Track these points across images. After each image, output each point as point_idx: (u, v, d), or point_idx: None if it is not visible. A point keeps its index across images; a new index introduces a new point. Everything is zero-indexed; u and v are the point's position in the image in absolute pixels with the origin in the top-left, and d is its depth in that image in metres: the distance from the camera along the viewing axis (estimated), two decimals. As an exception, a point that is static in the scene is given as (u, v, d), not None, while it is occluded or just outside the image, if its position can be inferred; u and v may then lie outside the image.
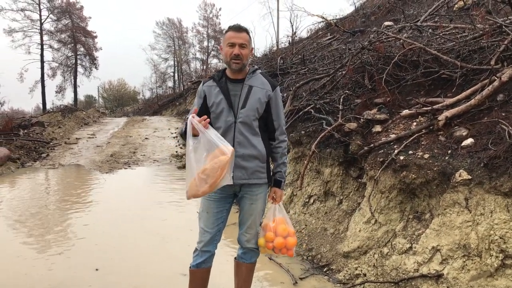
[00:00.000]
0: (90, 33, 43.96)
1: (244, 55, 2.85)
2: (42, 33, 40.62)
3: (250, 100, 2.88)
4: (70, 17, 42.39)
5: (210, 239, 3.00)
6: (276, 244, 2.98)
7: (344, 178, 4.93)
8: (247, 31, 2.91)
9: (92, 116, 22.62)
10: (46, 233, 5.62)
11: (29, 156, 12.09)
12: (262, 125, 2.96)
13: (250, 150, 2.87)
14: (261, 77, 2.99)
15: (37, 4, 40.09)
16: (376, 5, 13.87)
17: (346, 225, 4.60)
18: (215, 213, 2.99)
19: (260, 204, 3.01)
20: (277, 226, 2.98)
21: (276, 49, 17.37)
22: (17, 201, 7.39)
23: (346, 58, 6.74)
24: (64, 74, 43.34)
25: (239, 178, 2.87)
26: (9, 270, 4.31)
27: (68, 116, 19.63)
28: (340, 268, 4.16)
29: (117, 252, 4.82)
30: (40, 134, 15.08)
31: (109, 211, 6.66)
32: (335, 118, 5.36)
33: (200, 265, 3.02)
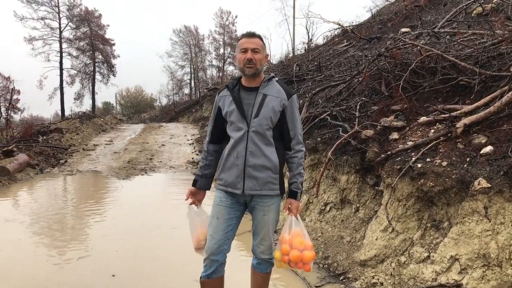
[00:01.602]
0: (108, 41, 44.58)
1: (258, 59, 2.82)
2: (61, 41, 41.33)
3: (263, 109, 2.83)
4: (89, 25, 43.07)
5: (218, 247, 2.94)
6: (291, 258, 2.88)
7: (361, 185, 4.89)
8: (260, 37, 2.90)
9: (110, 122, 22.87)
10: (63, 239, 5.67)
11: (48, 162, 12.26)
12: (277, 135, 2.90)
13: (262, 160, 2.82)
14: (276, 85, 2.94)
15: (56, 12, 40.82)
16: (393, 12, 13.80)
17: (362, 233, 4.56)
18: (226, 220, 2.96)
19: (272, 215, 2.95)
20: (293, 239, 2.89)
21: (292, 56, 17.39)
22: (35, 206, 7.49)
23: (362, 64, 6.72)
24: (82, 81, 44.01)
25: (250, 188, 2.85)
26: (26, 275, 4.36)
27: (86, 122, 19.89)
28: (357, 276, 4.11)
29: (133, 258, 4.85)
30: (59, 141, 15.29)
31: (126, 217, 6.70)
32: (352, 125, 5.33)
33: (211, 276, 2.95)
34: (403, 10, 12.61)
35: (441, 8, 10.08)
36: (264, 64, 2.90)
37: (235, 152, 2.87)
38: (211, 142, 3.11)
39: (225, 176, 2.93)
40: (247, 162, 2.82)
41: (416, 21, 9.81)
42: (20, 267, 4.61)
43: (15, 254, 5.06)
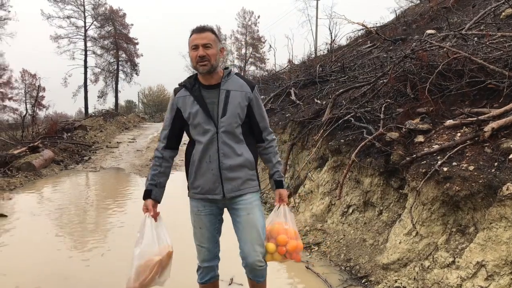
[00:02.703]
0: (131, 40, 45.11)
1: (211, 55, 2.62)
2: (86, 39, 42.01)
3: (229, 106, 2.67)
4: (113, 24, 43.67)
5: (209, 254, 2.90)
6: (290, 248, 2.78)
7: (385, 188, 4.85)
8: (212, 30, 2.70)
9: (133, 121, 23.17)
10: (86, 235, 5.78)
11: (72, 159, 12.48)
12: (246, 130, 2.78)
13: (237, 160, 2.69)
14: (237, 78, 2.79)
15: (82, 11, 41.55)
16: (418, 13, 13.63)
17: (386, 236, 4.52)
18: (209, 228, 2.85)
19: (257, 213, 2.78)
20: (289, 228, 2.82)
21: (314, 56, 17.32)
22: (59, 201, 7.64)
23: (387, 66, 6.65)
24: (106, 79, 44.65)
25: (230, 191, 2.72)
26: (49, 271, 4.45)
27: (109, 120, 20.19)
28: (379, 280, 4.08)
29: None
30: (83, 138, 15.56)
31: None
32: (376, 127, 5.29)
33: (209, 281, 2.97)
34: (429, 11, 12.44)
35: (468, 10, 9.92)
36: (219, 58, 2.71)
37: (206, 157, 2.70)
38: (167, 147, 2.89)
39: (201, 183, 2.77)
40: (222, 165, 2.68)
41: (442, 23, 9.67)
42: (45, 261, 4.71)
43: (41, 248, 5.17)
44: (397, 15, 16.67)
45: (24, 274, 4.35)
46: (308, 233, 5.46)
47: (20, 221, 6.36)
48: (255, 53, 49.75)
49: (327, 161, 6.13)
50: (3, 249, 5.15)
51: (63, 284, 4.12)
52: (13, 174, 9.50)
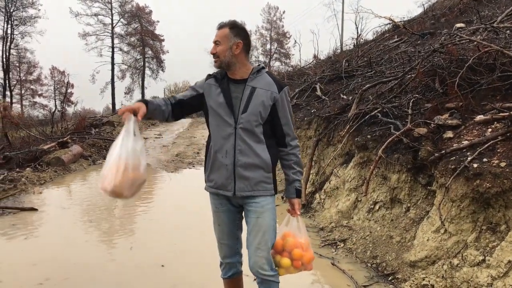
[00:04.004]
0: (157, 37, 45.59)
1: (219, 52, 2.63)
2: (113, 36, 42.63)
3: (252, 104, 2.62)
4: (140, 21, 44.19)
5: (230, 250, 2.89)
6: (306, 261, 2.71)
7: (412, 185, 4.77)
8: (229, 25, 2.66)
9: (159, 116, 23.39)
10: (113, 228, 5.87)
11: (100, 154, 12.68)
12: (268, 131, 2.69)
13: (252, 159, 2.62)
14: (267, 77, 2.71)
15: (109, 9, 42.20)
16: (447, 7, 13.35)
17: (413, 233, 4.45)
18: (228, 224, 2.85)
19: (267, 218, 2.69)
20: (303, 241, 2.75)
21: (340, 51, 17.17)
22: (88, 196, 7.78)
23: (415, 61, 6.54)
24: (132, 76, 45.31)
25: (242, 189, 2.65)
26: (77, 263, 4.53)
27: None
28: (406, 277, 4.02)
29: (181, 250, 4.95)
30: (111, 133, 15.80)
31: (173, 209, 6.84)
32: (404, 123, 5.20)
33: (232, 276, 2.96)
34: (458, 4, 12.18)
35: (500, 2, 9.66)
36: (230, 54, 2.63)
37: (223, 151, 2.66)
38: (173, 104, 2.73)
39: (215, 177, 2.74)
40: (237, 162, 2.63)
41: (472, 16, 9.45)
42: (73, 253, 4.81)
43: (69, 240, 5.28)
44: (425, 9, 16.38)
45: (53, 265, 4.45)
46: (333, 229, 5.42)
47: (50, 214, 6.51)
48: (280, 48, 49.66)
49: (353, 157, 6.07)
50: (34, 241, 5.29)
51: (90, 275, 4.19)
52: (43, 169, 9.72)
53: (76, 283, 4.03)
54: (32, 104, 41.62)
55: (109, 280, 4.06)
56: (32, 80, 41.95)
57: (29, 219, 6.19)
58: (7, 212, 6.51)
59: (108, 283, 3.99)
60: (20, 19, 37.93)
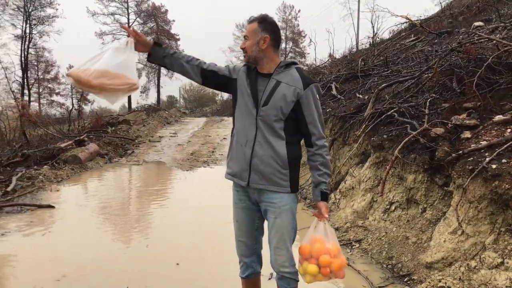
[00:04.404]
0: (173, 36, 45.74)
1: (247, 46, 2.64)
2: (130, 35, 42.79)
3: (273, 97, 2.59)
4: (155, 21, 44.40)
5: (247, 249, 2.87)
6: (335, 268, 2.54)
7: (429, 185, 4.72)
8: (258, 20, 2.66)
9: (174, 115, 23.55)
10: (129, 226, 5.92)
11: (116, 152, 12.79)
12: (290, 128, 2.63)
13: (269, 152, 2.59)
14: (294, 72, 2.66)
15: (125, 8, 42.48)
16: (465, 5, 13.17)
17: (429, 234, 4.40)
18: (246, 222, 2.82)
19: (286, 219, 2.66)
20: (331, 247, 2.57)
21: (356, 50, 17.06)
22: (104, 194, 7.85)
23: (432, 60, 6.46)
24: (148, 75, 45.50)
25: (256, 181, 2.64)
26: (93, 260, 4.58)
27: (152, 115, 20.61)
28: (422, 279, 3.98)
29: (197, 248, 4.96)
30: (126, 132, 15.91)
31: (187, 208, 6.87)
32: (420, 123, 5.15)
33: (249, 276, 2.93)
34: (476, 3, 12.00)
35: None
36: (256, 49, 2.63)
37: (243, 140, 2.68)
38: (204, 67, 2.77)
39: (233, 165, 2.77)
40: (254, 153, 2.62)
41: (490, 14, 9.31)
42: (89, 250, 4.86)
43: (85, 237, 5.34)
44: (443, 7, 16.16)
45: (69, 261, 4.50)
46: (349, 229, 5.39)
47: (66, 211, 6.59)
48: (295, 47, 49.50)
49: (369, 157, 6.03)
50: (51, 237, 5.35)
51: (106, 272, 4.23)
52: (60, 166, 9.83)
53: (92, 280, 4.07)
54: (50, 102, 42.07)
55: (125, 277, 4.08)
56: (49, 78, 42.41)
57: (46, 216, 6.27)
58: (25, 209, 6.60)
59: (124, 280, 4.01)
60: (38, 18, 38.39)
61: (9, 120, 17.55)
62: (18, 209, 6.59)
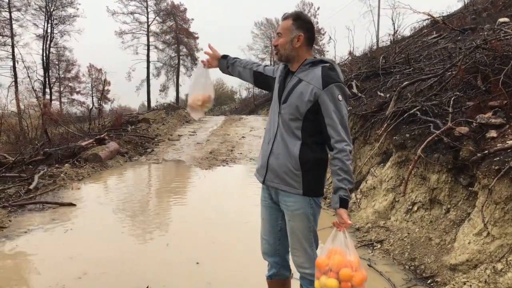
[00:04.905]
0: (192, 34, 45.94)
1: (280, 44, 2.59)
2: (149, 34, 43.24)
3: (292, 95, 2.54)
4: (174, 19, 44.64)
5: (270, 248, 2.84)
6: (356, 283, 2.33)
7: (453, 185, 4.62)
8: (293, 17, 2.60)
9: (193, 114, 23.57)
10: (149, 225, 5.94)
11: (136, 151, 12.88)
12: (308, 128, 2.53)
13: (283, 152, 2.56)
14: (318, 70, 2.53)
15: (145, 7, 42.86)
16: (489, 1, 12.90)
17: (453, 235, 4.30)
18: (269, 221, 2.81)
19: (300, 223, 2.59)
20: (354, 259, 2.37)
21: (376, 48, 16.88)
22: (124, 192, 7.91)
23: (456, 57, 6.33)
24: (167, 73, 45.86)
25: (270, 179, 2.65)
26: (114, 258, 4.62)
27: (171, 113, 20.69)
28: (446, 281, 3.90)
29: (216, 247, 4.95)
30: (146, 130, 16.01)
31: (207, 206, 6.87)
32: (444, 122, 5.05)
33: (273, 277, 2.90)
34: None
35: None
36: (289, 47, 2.59)
37: (267, 137, 2.72)
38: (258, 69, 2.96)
39: (258, 160, 2.82)
40: (272, 150, 2.62)
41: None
42: (110, 249, 4.90)
43: (105, 235, 5.39)
44: (466, 3, 15.87)
45: (90, 259, 4.55)
46: (370, 230, 5.32)
47: (88, 209, 6.64)
48: (314, 45, 49.26)
49: (391, 156, 5.94)
50: (72, 235, 5.40)
51: (126, 270, 4.25)
52: (81, 165, 9.93)
53: (112, 278, 4.09)
54: (70, 101, 42.70)
55: (145, 276, 4.09)
56: (70, 77, 43.02)
57: (68, 214, 6.33)
58: (47, 207, 6.68)
59: (144, 279, 4.02)
60: (59, 18, 38.97)
61: (31, 118, 17.85)
62: (40, 207, 6.68)
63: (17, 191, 7.40)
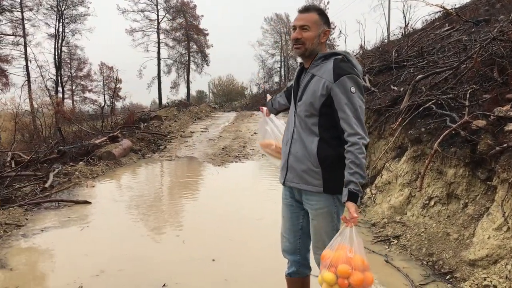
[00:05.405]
0: (202, 31, 45.97)
1: (307, 38, 2.46)
2: (159, 32, 43.34)
3: (305, 93, 2.51)
4: (184, 16, 44.68)
5: (290, 246, 2.80)
6: (354, 282, 2.24)
7: (471, 180, 4.55)
8: (317, 10, 2.52)
9: (204, 111, 23.66)
10: (165, 221, 5.98)
11: (149, 148, 12.94)
12: (325, 124, 2.48)
13: (301, 150, 2.52)
14: (330, 63, 2.46)
15: (155, 5, 42.97)
16: (503, -9, 12.70)
17: (472, 230, 4.25)
18: (290, 219, 2.76)
19: (323, 222, 2.54)
20: (354, 257, 2.28)
21: (387, 41, 16.73)
22: (138, 189, 7.94)
23: (471, 49, 6.24)
24: (178, 70, 45.98)
25: (290, 180, 2.61)
26: (130, 255, 4.64)
27: (182, 110, 20.76)
28: (466, 277, 3.85)
29: (231, 244, 4.96)
30: (158, 128, 16.06)
31: (220, 203, 6.87)
32: (460, 115, 4.98)
33: (292, 275, 2.86)
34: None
35: None
36: (316, 42, 2.50)
37: (286, 138, 2.69)
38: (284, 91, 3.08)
39: (281, 163, 2.76)
40: (291, 150, 2.58)
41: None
42: (126, 246, 4.92)
43: (120, 232, 5.41)
44: (479, -6, 15.64)
45: (107, 256, 4.58)
46: (386, 225, 5.28)
47: (103, 207, 6.68)
48: (324, 40, 49.00)
49: (406, 150, 5.88)
50: (88, 233, 5.43)
51: (143, 267, 4.26)
52: (95, 162, 9.99)
53: (130, 276, 4.10)
54: (83, 99, 42.98)
55: (162, 273, 4.10)
56: (82, 76, 43.30)
57: (83, 212, 6.38)
58: (62, 205, 6.73)
59: (161, 276, 4.03)
60: (70, 17, 39.24)
61: (45, 117, 18.00)
62: (56, 205, 6.73)
63: (33, 189, 7.46)
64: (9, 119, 20.40)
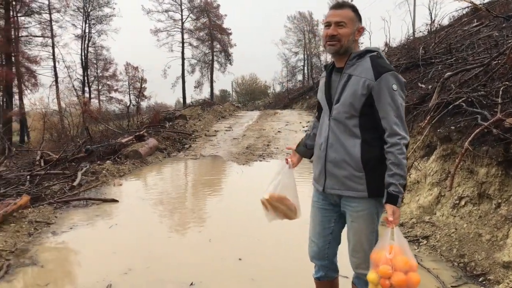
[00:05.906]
0: (225, 30, 46.16)
1: (343, 34, 2.39)
2: (183, 32, 43.71)
3: (344, 94, 2.40)
4: (208, 16, 44.93)
5: (319, 252, 2.73)
6: (395, 282, 2.24)
7: (504, 179, 4.42)
8: (351, 7, 2.45)
9: (228, 109, 23.72)
10: (191, 220, 6.00)
11: (174, 147, 13.03)
12: (366, 124, 2.40)
13: (341, 154, 2.42)
14: (367, 62, 2.39)
15: (179, 5, 43.38)
16: (534, -15, 12.34)
17: (505, 231, 4.13)
18: (320, 223, 2.69)
19: (363, 224, 2.48)
20: (395, 258, 2.27)
21: (413, 38, 16.48)
22: (164, 188, 8.01)
23: (503, 45, 6.08)
24: (201, 70, 46.27)
25: (331, 187, 2.51)
26: (157, 253, 4.65)
27: (207, 109, 20.86)
28: (500, 279, 3.74)
29: (257, 243, 4.94)
30: (183, 127, 16.17)
31: (249, 201, 6.83)
32: (492, 113, 4.85)
33: (321, 278, 2.82)
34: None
35: None
36: (352, 39, 2.44)
37: (319, 143, 2.58)
38: (317, 117, 2.88)
39: (314, 169, 2.67)
40: (327, 157, 2.49)
41: None
42: (152, 244, 4.96)
43: (149, 231, 5.43)
44: (508, -11, 15.25)
45: (135, 254, 4.61)
46: (414, 225, 5.18)
47: (130, 205, 6.75)
48: (348, 38, 48.59)
49: (435, 149, 5.76)
50: (116, 230, 5.50)
51: (169, 265, 4.28)
52: (122, 161, 10.12)
53: (158, 274, 4.12)
54: (109, 99, 43.56)
55: (189, 272, 4.10)
56: (108, 76, 43.89)
57: (111, 210, 6.45)
58: (90, 203, 6.82)
59: (188, 274, 4.03)
60: (96, 18, 39.93)
61: (72, 117, 18.33)
62: (84, 203, 6.83)
63: (62, 187, 7.59)
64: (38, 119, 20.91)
